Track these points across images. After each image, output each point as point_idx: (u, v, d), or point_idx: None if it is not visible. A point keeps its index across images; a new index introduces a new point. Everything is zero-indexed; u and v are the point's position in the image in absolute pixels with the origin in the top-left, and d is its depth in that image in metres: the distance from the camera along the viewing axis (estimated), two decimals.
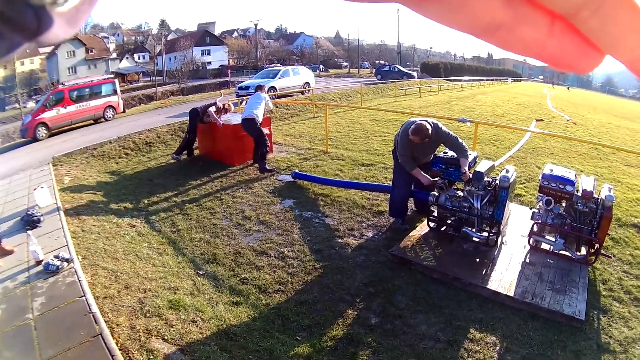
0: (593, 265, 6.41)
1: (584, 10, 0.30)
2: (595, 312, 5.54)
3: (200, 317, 4.97)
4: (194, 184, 9.40)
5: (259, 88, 10.88)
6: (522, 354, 4.68)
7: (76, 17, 0.31)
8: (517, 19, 0.32)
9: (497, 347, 4.78)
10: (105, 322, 4.61)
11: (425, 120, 6.55)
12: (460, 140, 6.60)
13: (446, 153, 6.79)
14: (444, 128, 6.67)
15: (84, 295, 5.00)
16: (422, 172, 6.73)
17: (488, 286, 5.63)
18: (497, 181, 6.33)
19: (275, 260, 6.40)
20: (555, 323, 5.17)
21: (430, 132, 6.44)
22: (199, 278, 5.92)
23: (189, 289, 5.59)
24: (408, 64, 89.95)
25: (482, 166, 6.65)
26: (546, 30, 0.33)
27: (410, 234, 6.82)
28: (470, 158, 6.62)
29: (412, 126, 6.45)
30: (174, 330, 4.66)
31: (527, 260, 6.30)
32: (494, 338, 4.89)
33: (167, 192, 8.96)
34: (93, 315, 4.63)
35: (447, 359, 4.59)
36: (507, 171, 6.41)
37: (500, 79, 63.12)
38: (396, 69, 47.73)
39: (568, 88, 65.05)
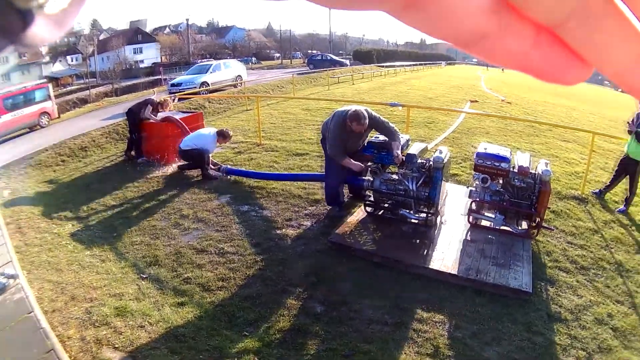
0: (535, 238, 6.84)
1: (570, 21, 0.31)
2: (543, 284, 5.94)
3: (147, 322, 5.03)
4: (131, 186, 9.31)
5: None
6: (472, 330, 4.98)
7: (64, 19, 0.32)
8: (502, 29, 0.33)
9: (446, 325, 5.05)
10: (57, 336, 4.63)
11: (356, 108, 6.78)
12: (391, 124, 6.87)
13: (377, 138, 7.02)
14: (374, 113, 6.92)
15: (33, 311, 4.95)
16: (352, 161, 6.93)
17: (430, 266, 5.92)
18: (431, 162, 6.63)
19: (216, 257, 6.48)
20: (503, 297, 5.51)
21: (366, 118, 6.68)
22: (142, 282, 5.93)
23: (134, 293, 5.62)
24: (341, 52, 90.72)
25: (415, 148, 6.92)
26: (531, 42, 0.33)
27: (347, 220, 7.03)
28: (403, 141, 6.87)
29: (351, 113, 6.65)
30: (123, 338, 4.72)
31: (468, 237, 6.66)
32: (442, 317, 5.16)
33: (105, 196, 8.85)
34: (43, 331, 4.62)
35: (397, 341, 4.82)
36: (441, 152, 6.72)
37: (433, 64, 64.82)
38: (328, 58, 48.98)
39: (502, 70, 66.95)
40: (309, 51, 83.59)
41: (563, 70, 0.34)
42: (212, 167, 9.59)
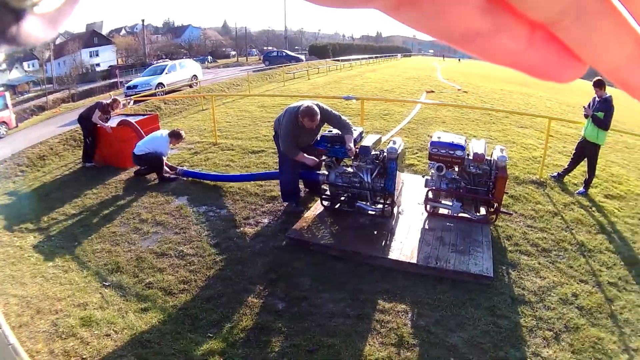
0: (495, 223, 6.95)
1: (565, 18, 0.31)
2: (504, 268, 6.05)
3: (113, 330, 5.00)
4: (89, 193, 9.15)
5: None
6: (435, 318, 5.03)
7: (57, 18, 0.32)
8: (496, 27, 0.33)
9: (409, 314, 5.10)
10: (26, 351, 4.48)
11: (307, 103, 6.78)
12: (343, 117, 6.90)
13: (330, 131, 7.04)
14: (326, 107, 6.93)
15: (1, 328, 4.83)
16: (305, 155, 6.93)
17: (389, 256, 5.96)
18: (385, 153, 6.68)
19: (176, 259, 6.46)
20: (464, 284, 5.59)
21: (318, 113, 6.67)
22: (105, 290, 5.87)
23: (98, 302, 5.56)
24: (297, 47, 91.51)
25: (369, 140, 6.98)
26: (526, 40, 0.33)
27: (305, 216, 7.05)
28: (356, 134, 6.90)
29: (302, 109, 6.64)
30: (90, 348, 4.68)
31: (426, 226, 6.72)
32: (404, 306, 5.21)
33: (65, 205, 8.69)
34: (12, 347, 4.49)
35: (360, 333, 4.85)
36: (394, 142, 6.79)
37: (389, 56, 65.43)
38: (284, 54, 49.40)
39: (459, 60, 68.36)
40: (265, 48, 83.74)
41: (558, 68, 0.35)
42: (168, 170, 9.48)
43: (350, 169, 6.93)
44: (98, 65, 68.62)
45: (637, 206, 8.38)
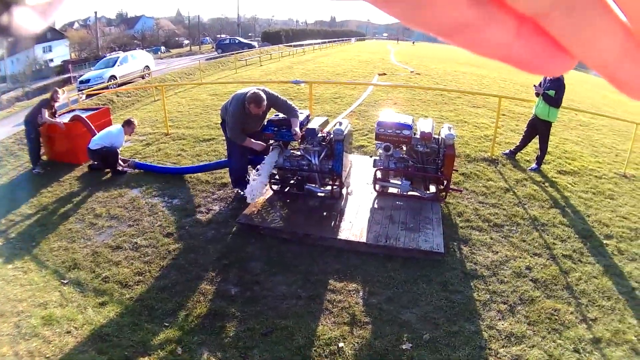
0: (445, 201, 7.12)
1: (554, 11, 0.31)
2: (456, 244, 6.23)
3: (73, 326, 5.04)
4: (45, 192, 9.02)
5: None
6: (387, 295, 5.18)
7: (48, 9, 0.33)
8: (484, 19, 0.33)
9: (360, 293, 5.25)
10: None
11: (254, 90, 6.82)
12: (289, 102, 6.99)
13: (277, 115, 7.12)
14: (272, 92, 6.99)
15: None
16: (252, 141, 7.03)
17: (339, 237, 6.08)
18: (332, 135, 6.79)
19: (131, 252, 6.51)
20: (415, 261, 5.75)
21: (265, 99, 6.72)
22: (64, 287, 5.88)
23: (58, 300, 5.58)
24: (250, 34, 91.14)
25: (315, 123, 7.08)
26: (514, 32, 0.34)
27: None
28: (303, 117, 7.02)
29: (249, 96, 6.69)
30: (52, 346, 4.73)
31: (376, 205, 6.87)
32: (355, 285, 5.35)
33: (21, 206, 8.57)
34: None
35: (312, 313, 4.98)
36: (341, 124, 6.87)
37: (343, 40, 65.55)
38: (236, 41, 49.74)
39: (413, 43, 68.88)
40: (218, 36, 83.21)
41: (546, 61, 0.35)
42: (122, 163, 9.43)
43: (298, 152, 7.04)
44: (52, 60, 67.11)
45: (591, 181, 8.68)
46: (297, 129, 6.67)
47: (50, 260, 6.58)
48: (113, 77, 24.03)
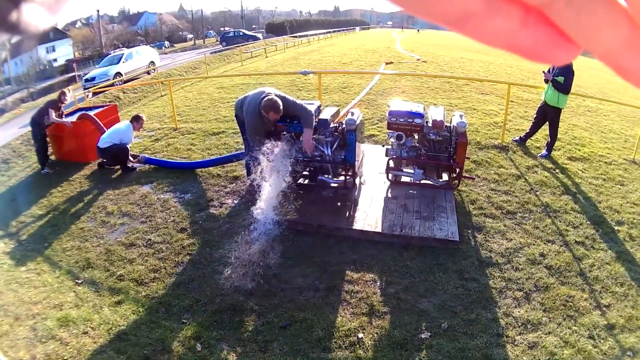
0: (458, 189, 7.12)
1: (557, 2, 0.31)
2: (470, 231, 6.24)
3: (90, 327, 5.04)
4: (55, 192, 9.04)
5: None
6: (404, 285, 5.20)
7: (56, 5, 0.33)
8: (489, 9, 0.33)
9: (377, 283, 5.27)
10: None
11: (268, 95, 6.68)
12: (303, 106, 6.82)
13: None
14: (284, 95, 6.88)
15: None
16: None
17: (354, 227, 6.11)
18: (344, 125, 6.78)
19: (145, 249, 6.51)
20: (431, 249, 5.76)
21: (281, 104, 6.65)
22: (79, 287, 5.88)
23: (73, 301, 5.58)
24: (254, 26, 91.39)
25: (327, 113, 7.09)
26: (520, 22, 0.34)
27: None
28: (314, 108, 6.93)
29: (266, 104, 6.51)
30: (70, 348, 4.72)
31: (389, 195, 6.89)
32: (372, 275, 5.37)
33: (31, 207, 8.58)
34: None
35: (331, 304, 5.01)
36: (352, 114, 6.89)
37: (347, 29, 65.42)
38: (241, 34, 50.21)
39: (418, 30, 68.49)
40: (222, 29, 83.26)
41: (551, 50, 0.35)
42: (131, 158, 9.46)
43: None
44: (55, 60, 67.10)
45: (601, 167, 8.65)
46: (309, 143, 6.62)
47: (64, 261, 6.59)
48: (119, 74, 23.98)
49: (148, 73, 25.95)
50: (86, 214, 7.81)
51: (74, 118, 10.68)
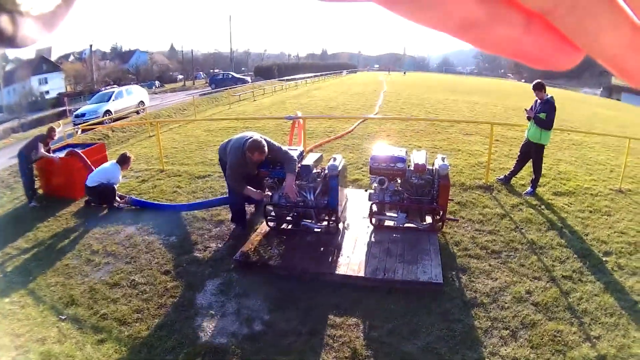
0: (442, 231, 7.16)
1: (560, 7, 0.32)
2: (454, 273, 6.26)
3: None
4: (41, 226, 9.05)
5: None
6: (387, 328, 5.18)
7: (53, 20, 0.34)
8: (492, 16, 0.33)
9: (361, 327, 5.24)
10: None
11: (253, 136, 6.82)
12: (287, 152, 6.94)
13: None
14: (271, 141, 7.01)
15: None
16: (251, 189, 6.99)
17: (337, 272, 6.11)
18: (326, 171, 6.87)
19: (129, 289, 6.50)
20: (415, 292, 5.75)
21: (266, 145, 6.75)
22: (62, 323, 5.87)
23: (56, 336, 5.57)
24: (243, 69, 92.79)
25: (309, 159, 7.19)
26: (522, 28, 0.34)
27: (252, 237, 7.14)
28: (296, 153, 7.03)
29: (250, 145, 6.64)
30: None
31: (373, 239, 6.92)
32: (355, 319, 5.34)
33: (17, 240, 8.59)
34: None
35: (313, 348, 4.97)
36: (335, 159, 6.97)
37: (335, 73, 66.30)
38: (229, 76, 50.84)
39: (404, 73, 69.68)
40: (212, 70, 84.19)
41: (555, 56, 0.36)
42: (118, 199, 9.48)
43: None
44: (47, 92, 67.34)
45: (587, 200, 8.77)
46: (292, 189, 6.67)
47: (48, 296, 6.57)
48: (108, 112, 24.34)
49: (137, 113, 26.29)
50: (72, 251, 7.80)
51: (62, 154, 10.70)
